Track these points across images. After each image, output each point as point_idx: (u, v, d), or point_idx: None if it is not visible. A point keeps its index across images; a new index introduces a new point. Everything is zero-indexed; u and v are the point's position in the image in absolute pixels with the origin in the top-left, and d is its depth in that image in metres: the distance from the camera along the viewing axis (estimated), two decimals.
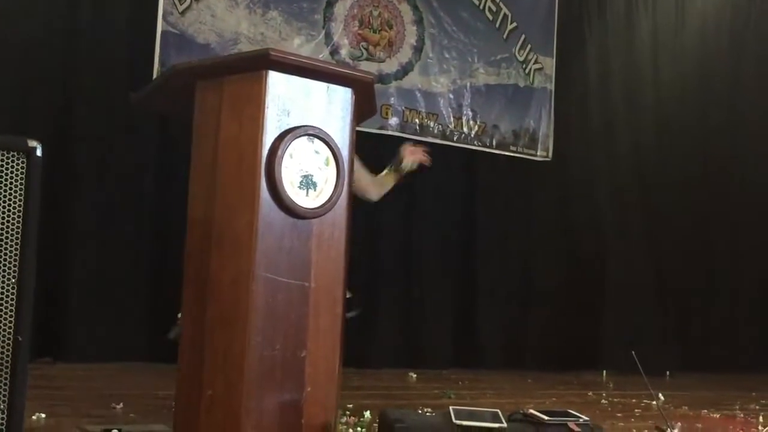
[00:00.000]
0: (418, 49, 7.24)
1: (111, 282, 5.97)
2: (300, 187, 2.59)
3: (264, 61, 2.55)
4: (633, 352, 2.93)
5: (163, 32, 6.11)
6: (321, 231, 2.65)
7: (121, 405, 4.04)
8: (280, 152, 2.54)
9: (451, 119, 7.38)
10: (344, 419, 3.93)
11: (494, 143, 7.62)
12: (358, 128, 2.89)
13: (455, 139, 7.41)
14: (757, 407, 5.53)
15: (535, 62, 7.83)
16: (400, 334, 7.01)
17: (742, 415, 5.17)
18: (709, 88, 8.67)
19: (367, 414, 4.02)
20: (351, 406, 4.33)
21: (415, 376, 6.29)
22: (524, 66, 7.79)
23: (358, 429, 3.74)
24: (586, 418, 2.74)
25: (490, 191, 7.61)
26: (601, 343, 7.75)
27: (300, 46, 6.61)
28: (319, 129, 2.63)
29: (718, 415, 5.10)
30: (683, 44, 8.69)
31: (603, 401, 5.50)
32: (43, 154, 2.31)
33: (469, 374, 6.65)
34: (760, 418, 4.89)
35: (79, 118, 5.95)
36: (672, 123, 8.50)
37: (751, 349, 8.51)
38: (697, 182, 8.54)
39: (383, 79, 7.03)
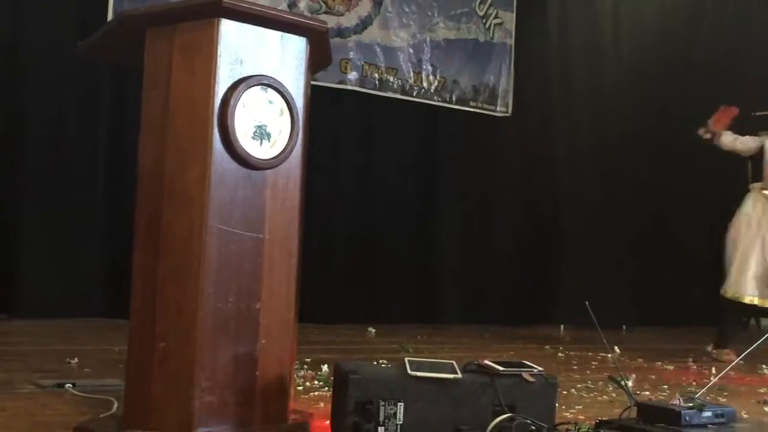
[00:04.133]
0: (378, 3, 7.17)
1: (67, 237, 5.91)
2: (253, 138, 2.55)
3: (216, 9, 2.49)
4: (587, 303, 2.95)
5: None
6: (275, 182, 2.61)
7: (76, 360, 4.00)
8: (232, 102, 2.49)
9: (411, 74, 7.34)
10: (302, 373, 3.93)
11: (454, 98, 7.60)
12: (317, 83, 2.85)
13: (415, 94, 7.38)
14: (710, 360, 5.62)
15: (496, 17, 7.80)
16: (359, 289, 7.02)
17: (695, 367, 5.26)
18: (669, 43, 8.71)
19: (325, 368, 4.02)
20: (309, 360, 4.34)
21: (373, 330, 6.31)
22: (484, 21, 7.75)
23: (316, 382, 3.74)
24: (541, 369, 2.75)
25: (450, 146, 7.60)
26: (558, 297, 7.82)
27: None
28: (273, 78, 2.59)
29: (671, 367, 5.17)
30: (643, 0, 8.71)
31: (560, 354, 5.56)
32: None
33: (427, 329, 6.69)
34: (713, 369, 4.97)
35: (30, 68, 5.83)
36: (631, 79, 8.54)
37: (704, 304, 8.63)
38: (655, 140, 8.60)
39: (342, 33, 6.97)
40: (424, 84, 7.42)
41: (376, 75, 7.17)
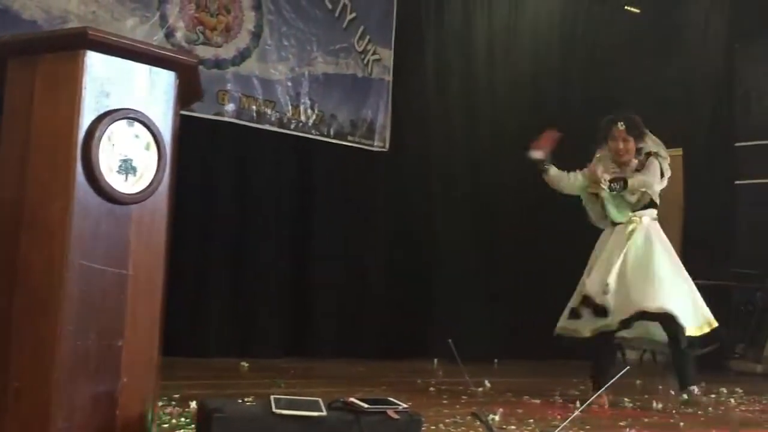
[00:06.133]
0: (257, 35, 7.17)
1: None
2: (119, 172, 2.52)
3: (82, 41, 2.46)
4: (450, 341, 3.00)
5: None
6: (141, 217, 2.58)
7: None
8: (97, 135, 2.46)
9: (289, 107, 7.35)
10: (168, 409, 3.85)
11: (332, 132, 7.65)
12: (193, 114, 2.83)
13: (292, 127, 7.39)
14: (577, 393, 5.76)
15: (374, 53, 7.90)
16: (232, 323, 6.95)
17: (561, 401, 5.38)
18: (541, 83, 9.00)
19: (193, 404, 3.94)
20: (177, 396, 4.24)
21: (246, 365, 6.23)
22: (363, 57, 7.84)
23: (182, 420, 3.67)
24: (406, 406, 2.78)
25: (327, 180, 7.64)
26: (432, 331, 7.90)
27: (134, 27, 6.42)
28: (140, 112, 2.57)
29: (538, 401, 5.28)
30: (517, 41, 8.98)
31: (431, 389, 5.61)
32: None
33: (302, 363, 6.66)
34: (577, 403, 5.09)
35: None
36: (506, 117, 8.75)
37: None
38: (528, 174, 8.80)
39: (220, 64, 6.93)
40: (302, 117, 7.44)
41: (254, 107, 7.15)
